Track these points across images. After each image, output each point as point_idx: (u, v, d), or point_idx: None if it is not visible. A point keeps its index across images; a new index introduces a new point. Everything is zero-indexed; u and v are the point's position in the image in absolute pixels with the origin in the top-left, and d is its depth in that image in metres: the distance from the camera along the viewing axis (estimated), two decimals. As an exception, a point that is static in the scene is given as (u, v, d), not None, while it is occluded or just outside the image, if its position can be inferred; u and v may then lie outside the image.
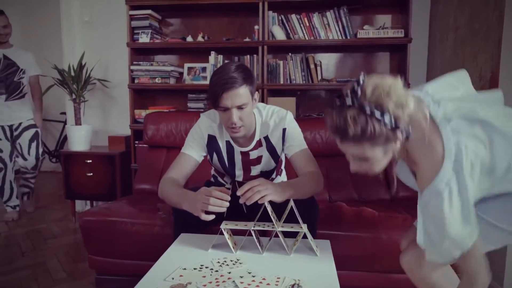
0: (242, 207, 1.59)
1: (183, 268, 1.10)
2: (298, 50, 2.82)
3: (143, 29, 2.81)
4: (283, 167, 1.72)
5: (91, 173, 2.87)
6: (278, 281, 1.02)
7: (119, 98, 3.21)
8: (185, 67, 2.95)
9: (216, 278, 1.04)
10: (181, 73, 3.00)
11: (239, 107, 1.36)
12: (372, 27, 2.68)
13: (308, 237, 1.23)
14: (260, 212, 1.28)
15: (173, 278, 1.04)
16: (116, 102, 3.24)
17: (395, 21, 2.82)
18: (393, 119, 0.91)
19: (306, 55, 2.74)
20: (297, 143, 1.51)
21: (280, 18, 2.70)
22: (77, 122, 2.99)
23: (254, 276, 1.05)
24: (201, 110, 2.84)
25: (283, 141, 1.53)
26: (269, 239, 1.27)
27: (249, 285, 1.00)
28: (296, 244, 1.24)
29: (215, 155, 1.58)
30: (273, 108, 1.57)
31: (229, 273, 1.08)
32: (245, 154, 1.56)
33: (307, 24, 2.66)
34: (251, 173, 1.59)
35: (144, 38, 2.79)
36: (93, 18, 3.19)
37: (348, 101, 0.94)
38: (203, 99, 2.89)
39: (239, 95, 1.34)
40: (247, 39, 2.79)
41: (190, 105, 2.92)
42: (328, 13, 2.63)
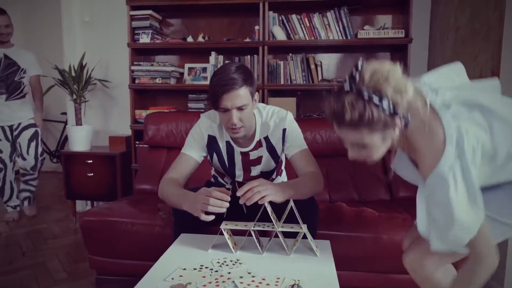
0: (242, 208, 1.59)
1: (183, 268, 1.11)
2: (298, 50, 2.82)
3: (144, 29, 2.81)
4: (283, 167, 1.72)
5: (92, 173, 2.88)
6: (277, 282, 1.02)
7: (119, 99, 3.21)
8: (186, 68, 2.95)
9: (216, 278, 1.04)
10: (181, 74, 3.00)
11: (239, 108, 1.37)
12: (373, 27, 2.68)
13: (308, 237, 1.23)
14: (260, 213, 1.28)
15: (173, 278, 1.04)
16: (117, 103, 3.25)
17: (395, 21, 2.82)
18: (391, 105, 0.90)
19: (307, 55, 2.74)
20: (297, 143, 1.51)
21: (280, 18, 2.70)
22: (78, 122, 3.00)
23: (254, 276, 1.05)
24: (202, 110, 2.84)
25: (283, 141, 1.53)
26: (269, 239, 1.27)
27: (249, 285, 1.00)
28: (296, 244, 1.24)
29: (215, 156, 1.58)
30: (273, 109, 1.57)
31: (229, 273, 1.08)
32: (245, 155, 1.56)
33: (308, 25, 2.66)
34: (251, 174, 1.59)
35: (145, 39, 2.80)
36: (94, 18, 3.20)
37: (346, 86, 0.93)
38: (204, 99, 2.89)
39: (239, 96, 1.34)
40: (247, 40, 2.80)
41: (190, 105, 2.92)
42: (328, 14, 2.63)
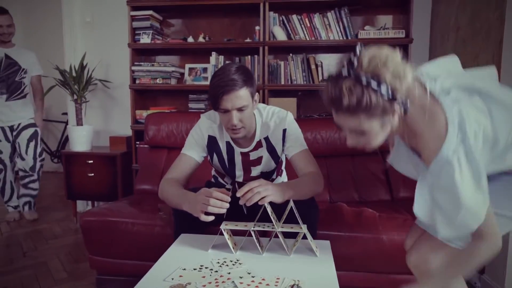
0: (242, 208, 1.59)
1: (182, 269, 1.11)
2: (299, 50, 2.82)
3: (144, 29, 2.81)
4: (283, 167, 1.72)
5: (92, 174, 2.88)
6: (277, 282, 1.02)
7: (120, 99, 3.22)
8: (186, 68, 2.96)
9: (216, 279, 1.04)
10: (182, 74, 3.00)
11: (239, 109, 1.37)
12: (373, 28, 2.68)
13: (308, 237, 1.23)
14: (260, 213, 1.28)
15: (172, 279, 1.04)
16: (117, 103, 3.25)
17: (396, 21, 2.81)
18: (390, 90, 0.89)
19: (307, 55, 2.74)
20: (297, 143, 1.51)
21: (281, 18, 2.70)
22: (79, 122, 3.00)
23: (253, 277, 1.05)
24: (202, 110, 2.84)
25: (283, 141, 1.53)
26: (269, 239, 1.27)
27: (249, 285, 1.00)
28: (296, 244, 1.24)
29: (215, 156, 1.58)
30: (274, 109, 1.57)
31: (229, 273, 1.08)
32: (245, 155, 1.56)
33: (308, 25, 2.66)
34: (251, 174, 1.59)
35: (145, 39, 2.80)
36: (95, 19, 3.20)
37: (344, 71, 0.92)
38: (204, 99, 2.89)
39: (239, 97, 1.34)
40: (248, 40, 2.80)
41: (191, 105, 2.93)
42: (329, 14, 2.63)
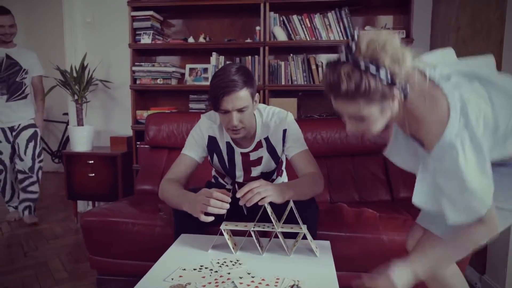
0: (242, 209, 1.59)
1: (182, 269, 1.11)
2: (299, 51, 2.82)
3: (145, 30, 2.81)
4: (283, 168, 1.72)
5: (93, 174, 2.89)
6: (277, 282, 1.02)
7: (121, 99, 3.22)
8: (187, 68, 2.96)
9: (216, 279, 1.04)
10: (182, 74, 3.00)
11: (240, 110, 1.36)
12: (374, 28, 2.68)
13: (308, 238, 1.23)
14: (260, 213, 1.28)
15: (172, 279, 1.04)
16: (118, 103, 3.25)
17: (396, 21, 2.81)
18: (389, 75, 0.88)
19: (308, 56, 2.74)
20: (297, 144, 1.51)
21: (281, 19, 2.70)
22: (79, 123, 3.00)
23: (253, 277, 1.05)
24: (203, 111, 2.84)
25: (283, 142, 1.53)
26: (269, 240, 1.27)
27: (248, 285, 1.00)
28: (295, 245, 1.24)
29: (215, 156, 1.58)
30: (274, 109, 1.57)
31: (229, 273, 1.08)
32: (245, 155, 1.56)
33: (309, 25, 2.66)
34: (252, 174, 1.59)
35: (146, 39, 2.80)
36: (95, 19, 3.21)
37: (343, 57, 0.91)
38: (205, 100, 2.89)
39: (239, 98, 1.34)
40: (248, 40, 2.80)
41: (191, 106, 2.93)
42: (329, 14, 2.63)
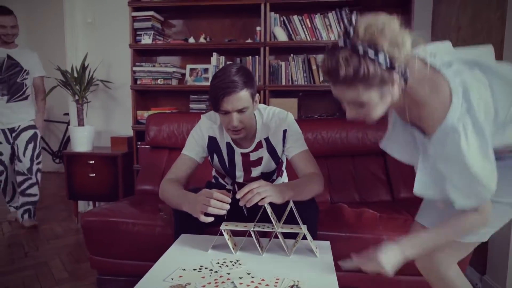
0: (243, 209, 1.59)
1: (182, 269, 1.11)
2: (300, 51, 2.82)
3: (146, 30, 2.82)
4: (284, 168, 1.72)
5: (94, 174, 2.89)
6: (277, 282, 1.02)
7: (121, 99, 3.23)
8: (187, 68, 2.96)
9: (215, 279, 1.04)
10: (183, 74, 3.01)
11: (240, 111, 1.37)
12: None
13: (308, 238, 1.22)
14: (260, 213, 1.28)
15: (172, 279, 1.04)
16: (119, 103, 3.26)
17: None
18: (388, 59, 0.87)
19: (308, 56, 2.74)
20: (297, 144, 1.51)
21: (282, 19, 2.70)
22: (80, 123, 3.01)
23: (253, 277, 1.05)
24: (203, 111, 2.84)
25: (283, 142, 1.53)
26: (269, 240, 1.27)
27: (248, 286, 1.00)
28: (295, 245, 1.24)
29: (215, 156, 1.58)
30: (274, 110, 1.57)
31: (229, 274, 1.08)
32: (245, 156, 1.56)
33: (309, 25, 2.66)
34: (252, 174, 1.59)
35: (147, 40, 2.80)
36: (96, 19, 3.21)
37: (341, 42, 0.90)
38: (205, 100, 2.90)
39: (239, 99, 1.34)
40: (249, 40, 2.80)
41: (192, 106, 2.93)
42: (330, 14, 2.63)
